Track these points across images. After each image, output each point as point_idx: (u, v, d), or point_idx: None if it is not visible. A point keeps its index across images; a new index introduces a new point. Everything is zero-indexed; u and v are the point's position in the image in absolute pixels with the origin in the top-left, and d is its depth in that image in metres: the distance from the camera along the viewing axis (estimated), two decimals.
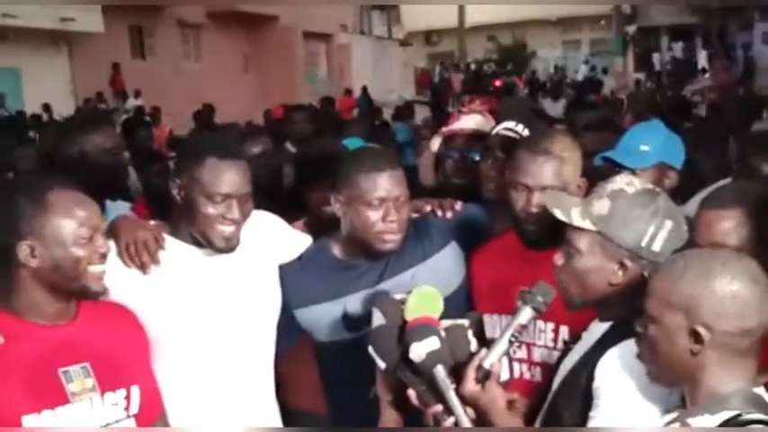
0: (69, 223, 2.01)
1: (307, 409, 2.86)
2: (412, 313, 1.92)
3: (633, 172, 2.84)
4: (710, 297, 1.65)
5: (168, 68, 22.18)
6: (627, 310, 1.86)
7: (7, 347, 1.97)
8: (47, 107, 17.34)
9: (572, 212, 2.03)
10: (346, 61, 29.22)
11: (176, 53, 23.48)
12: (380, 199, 2.45)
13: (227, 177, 2.35)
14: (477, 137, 3.25)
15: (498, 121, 3.16)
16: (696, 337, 1.67)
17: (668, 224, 1.98)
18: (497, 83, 25.66)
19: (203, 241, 2.41)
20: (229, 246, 2.40)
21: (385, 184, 2.45)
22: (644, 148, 2.99)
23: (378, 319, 1.97)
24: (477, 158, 3.11)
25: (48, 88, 18.37)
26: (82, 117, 3.84)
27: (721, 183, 3.05)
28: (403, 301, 1.97)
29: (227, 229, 2.38)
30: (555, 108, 11.79)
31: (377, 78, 26.73)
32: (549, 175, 2.42)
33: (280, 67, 25.12)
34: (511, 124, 3.03)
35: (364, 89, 23.11)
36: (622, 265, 1.97)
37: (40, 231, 1.99)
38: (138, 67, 21.55)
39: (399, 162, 2.58)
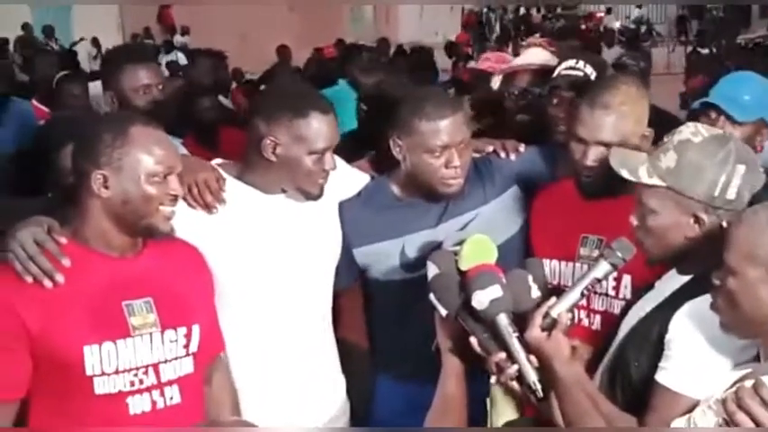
0: (146, 159, 2.01)
1: (351, 341, 2.87)
2: (467, 262, 1.90)
3: (734, 124, 2.76)
4: None
5: (215, 6, 22.06)
6: (707, 264, 1.80)
7: (73, 276, 1.98)
8: (96, 41, 17.44)
9: (639, 171, 1.98)
10: (393, 2, 28.82)
11: None
12: (443, 146, 2.42)
13: (329, 131, 2.36)
14: (540, 73, 3.17)
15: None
16: None
17: (741, 169, 1.91)
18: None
19: (296, 192, 2.41)
20: (322, 194, 2.42)
21: (447, 130, 2.42)
22: (746, 97, 2.85)
23: (433, 271, 1.96)
24: (540, 93, 3.04)
25: (96, 22, 18.43)
26: (125, 51, 3.79)
27: None
28: (456, 252, 1.95)
29: (325, 180, 2.40)
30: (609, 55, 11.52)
31: (423, 20, 26.36)
32: (607, 130, 2.35)
33: (325, 6, 24.83)
34: (573, 62, 2.96)
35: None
36: (697, 219, 1.92)
37: (117, 163, 1.99)
38: (185, 4, 21.48)
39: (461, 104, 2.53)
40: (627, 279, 2.34)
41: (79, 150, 2.05)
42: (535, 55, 3.25)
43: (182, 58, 12.71)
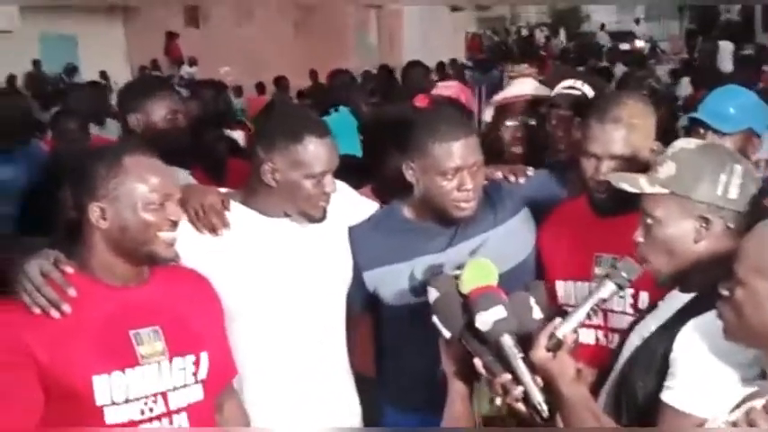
0: (141, 187, 2.03)
1: (357, 370, 2.88)
2: (468, 285, 1.91)
3: (721, 137, 2.80)
4: None
5: (221, 37, 22.24)
6: (711, 281, 1.81)
7: (80, 306, 2.00)
8: (104, 75, 17.56)
9: (640, 182, 2.01)
10: (397, 27, 29.01)
11: (229, 21, 23.50)
12: (456, 168, 2.42)
13: (327, 155, 2.38)
14: (532, 102, 3.20)
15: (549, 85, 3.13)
16: None
17: (738, 169, 1.95)
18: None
19: (297, 215, 2.43)
20: (324, 216, 2.44)
21: (460, 152, 2.42)
22: (731, 110, 2.90)
23: (434, 295, 1.97)
24: (533, 123, 3.07)
25: (103, 56, 18.59)
26: (142, 82, 3.90)
27: None
28: (456, 276, 1.96)
29: (326, 203, 2.42)
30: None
31: (427, 44, 26.48)
32: (619, 144, 2.39)
33: (330, 34, 25.00)
34: (571, 82, 3.01)
35: None
36: (704, 220, 1.94)
37: (113, 194, 2.02)
38: (191, 36, 21.68)
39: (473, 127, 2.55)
40: (644, 296, 2.34)
41: (75, 184, 2.08)
42: (526, 85, 3.27)
43: None
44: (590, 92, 2.96)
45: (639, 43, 25.24)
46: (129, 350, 2.04)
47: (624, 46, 21.94)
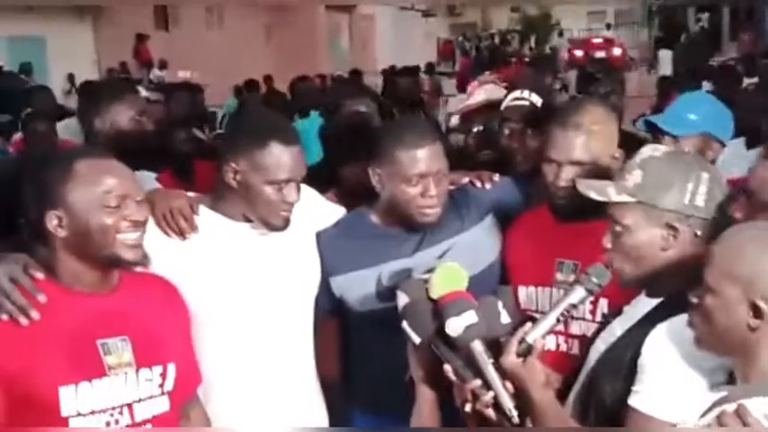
0: (94, 191, 1.98)
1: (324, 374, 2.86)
2: (438, 290, 1.90)
3: (675, 140, 2.86)
4: None
5: (191, 40, 22.14)
6: (678, 286, 1.83)
7: (48, 314, 1.96)
8: (71, 77, 17.39)
9: (608, 191, 2.02)
10: (370, 32, 29.07)
11: (199, 24, 23.40)
12: (420, 175, 2.43)
13: (292, 163, 2.35)
14: (493, 107, 3.22)
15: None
16: (756, 311, 1.63)
17: (705, 176, 1.96)
18: None
19: (258, 222, 2.41)
20: (286, 225, 2.41)
21: (425, 159, 2.43)
22: (691, 116, 2.97)
23: (403, 300, 1.95)
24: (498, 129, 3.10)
25: (72, 58, 18.41)
26: (106, 85, 3.87)
27: None
28: (426, 280, 1.94)
29: (288, 212, 2.39)
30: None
31: (399, 49, 26.54)
32: (579, 150, 2.40)
33: (302, 38, 24.99)
34: (518, 93, 3.03)
35: None
36: (672, 228, 1.95)
37: (67, 201, 1.98)
38: (161, 38, 21.55)
39: (438, 134, 2.55)
40: (603, 303, 2.35)
41: (31, 192, 2.03)
42: (484, 91, 3.30)
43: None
44: (538, 100, 2.98)
45: (617, 51, 25.50)
46: (96, 360, 2.00)
47: (600, 54, 22.16)
